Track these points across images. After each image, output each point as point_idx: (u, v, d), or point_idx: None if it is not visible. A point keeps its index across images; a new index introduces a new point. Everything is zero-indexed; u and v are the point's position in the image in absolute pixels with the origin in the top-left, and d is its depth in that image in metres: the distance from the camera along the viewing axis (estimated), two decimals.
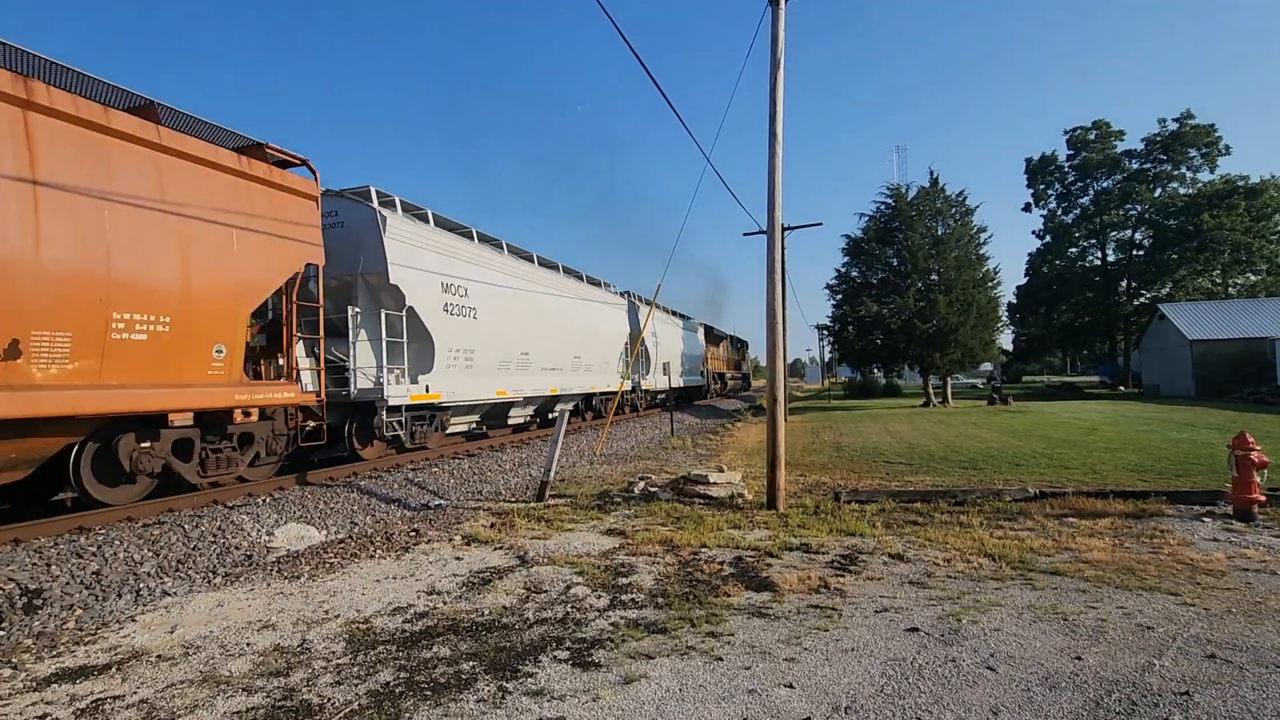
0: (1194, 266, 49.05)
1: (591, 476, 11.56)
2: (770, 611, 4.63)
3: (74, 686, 3.73)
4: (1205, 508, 7.52)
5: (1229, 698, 3.28)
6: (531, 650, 4.05)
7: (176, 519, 6.78)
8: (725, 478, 9.34)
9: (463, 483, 10.20)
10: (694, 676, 3.64)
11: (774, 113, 8.56)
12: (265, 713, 3.35)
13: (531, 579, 5.52)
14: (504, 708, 3.34)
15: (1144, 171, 51.15)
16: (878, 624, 4.36)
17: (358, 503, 8.35)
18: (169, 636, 4.47)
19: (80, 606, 4.97)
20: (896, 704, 3.30)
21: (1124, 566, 5.45)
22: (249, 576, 5.87)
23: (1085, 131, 53.60)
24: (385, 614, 4.78)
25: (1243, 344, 33.34)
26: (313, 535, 7.23)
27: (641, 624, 4.44)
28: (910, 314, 30.35)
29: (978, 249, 32.16)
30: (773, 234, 8.69)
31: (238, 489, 8.17)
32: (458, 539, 7.01)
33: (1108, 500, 7.87)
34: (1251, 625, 4.18)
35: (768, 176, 8.70)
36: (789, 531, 6.94)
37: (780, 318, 8.95)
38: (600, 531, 7.23)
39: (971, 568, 5.53)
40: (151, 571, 5.68)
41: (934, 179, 32.80)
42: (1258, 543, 6.12)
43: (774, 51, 8.58)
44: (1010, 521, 7.17)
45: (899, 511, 7.81)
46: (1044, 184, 56.15)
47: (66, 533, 6.21)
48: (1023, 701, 3.29)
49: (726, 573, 5.55)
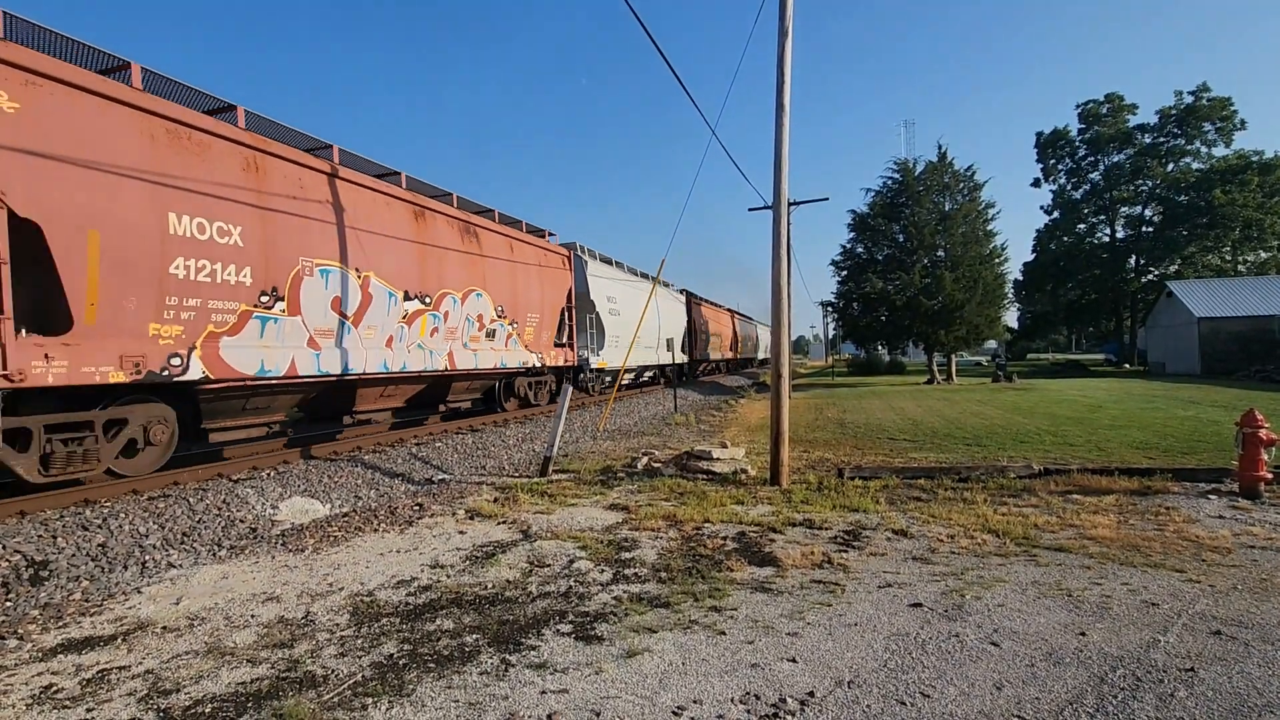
0: (1204, 243, 48.55)
1: (595, 452, 11.58)
2: (773, 586, 4.62)
3: (80, 657, 3.76)
4: (1211, 485, 7.49)
5: (1234, 674, 3.26)
6: (534, 623, 4.06)
7: (181, 492, 6.80)
8: (729, 454, 9.33)
9: (466, 457, 10.22)
10: (696, 650, 3.64)
11: (781, 83, 8.37)
12: (270, 684, 3.37)
13: (535, 553, 5.53)
14: (507, 680, 3.35)
15: (1156, 146, 50.40)
16: (881, 599, 4.36)
17: (362, 477, 8.38)
18: (174, 608, 4.50)
19: (86, 578, 5.00)
20: (900, 678, 3.29)
21: (1129, 543, 5.43)
22: (254, 549, 5.89)
23: (1097, 105, 52.75)
24: (389, 587, 4.80)
25: (1251, 322, 33.07)
26: (317, 509, 7.26)
27: (644, 598, 4.44)
28: (916, 291, 30.15)
29: (985, 225, 31.84)
30: (779, 209, 8.56)
31: (243, 462, 8.20)
32: (461, 513, 7.03)
33: (1113, 477, 7.83)
34: (1257, 602, 4.16)
35: (774, 150, 8.53)
36: (792, 507, 6.93)
37: (785, 294, 8.85)
38: (603, 506, 7.24)
39: (975, 544, 5.51)
40: (157, 544, 5.71)
41: (942, 154, 32.37)
42: (1264, 520, 6.09)
43: (782, 19, 8.36)
44: (1014, 498, 7.15)
45: (903, 488, 7.80)
46: (1054, 159, 55.44)
47: (72, 505, 6.23)
48: (1026, 677, 3.28)
49: (730, 548, 5.55)
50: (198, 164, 7.21)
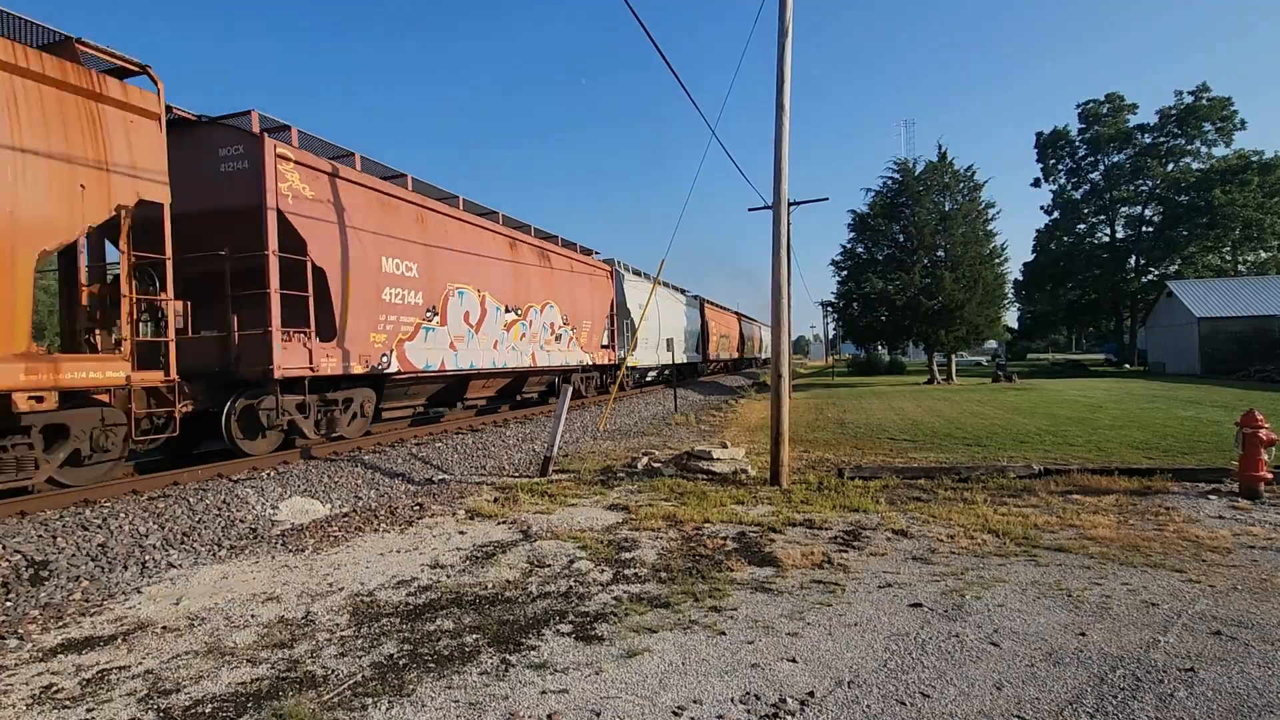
0: (1204, 243, 48.55)
1: (595, 452, 11.58)
2: (773, 586, 4.62)
3: (80, 657, 3.76)
4: (1211, 485, 7.49)
5: (1234, 674, 3.26)
6: (534, 623, 4.06)
7: (181, 492, 6.80)
8: (729, 454, 9.34)
9: (466, 458, 10.23)
10: (696, 650, 3.64)
11: (781, 83, 8.37)
12: (270, 684, 3.37)
13: (535, 553, 5.53)
14: (507, 680, 3.35)
15: (1156, 146, 50.40)
16: (881, 599, 4.36)
17: (362, 477, 8.38)
18: (174, 608, 4.50)
19: (86, 578, 5.00)
20: (900, 678, 3.29)
21: (1129, 543, 5.43)
22: (254, 549, 5.89)
23: (1098, 105, 52.76)
24: (389, 587, 4.80)
25: (1251, 322, 33.08)
26: (317, 509, 7.26)
27: (644, 598, 4.44)
28: (916, 291, 30.16)
29: (985, 225, 31.85)
30: (779, 209, 8.56)
31: (244, 462, 8.20)
32: (461, 513, 7.03)
33: (1113, 477, 7.84)
34: (1257, 602, 4.16)
35: (774, 150, 8.53)
36: (792, 507, 6.93)
37: (785, 294, 8.85)
38: (603, 506, 7.24)
39: (975, 544, 5.51)
40: (157, 544, 5.71)
41: (942, 153, 32.38)
42: (1264, 520, 6.09)
43: (782, 18, 8.37)
44: (1014, 498, 7.15)
45: (903, 488, 7.80)
46: (1054, 159, 55.44)
47: (72, 505, 6.23)
48: (1026, 677, 3.28)
49: (730, 548, 5.56)
50: (393, 221, 10.30)
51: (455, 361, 11.66)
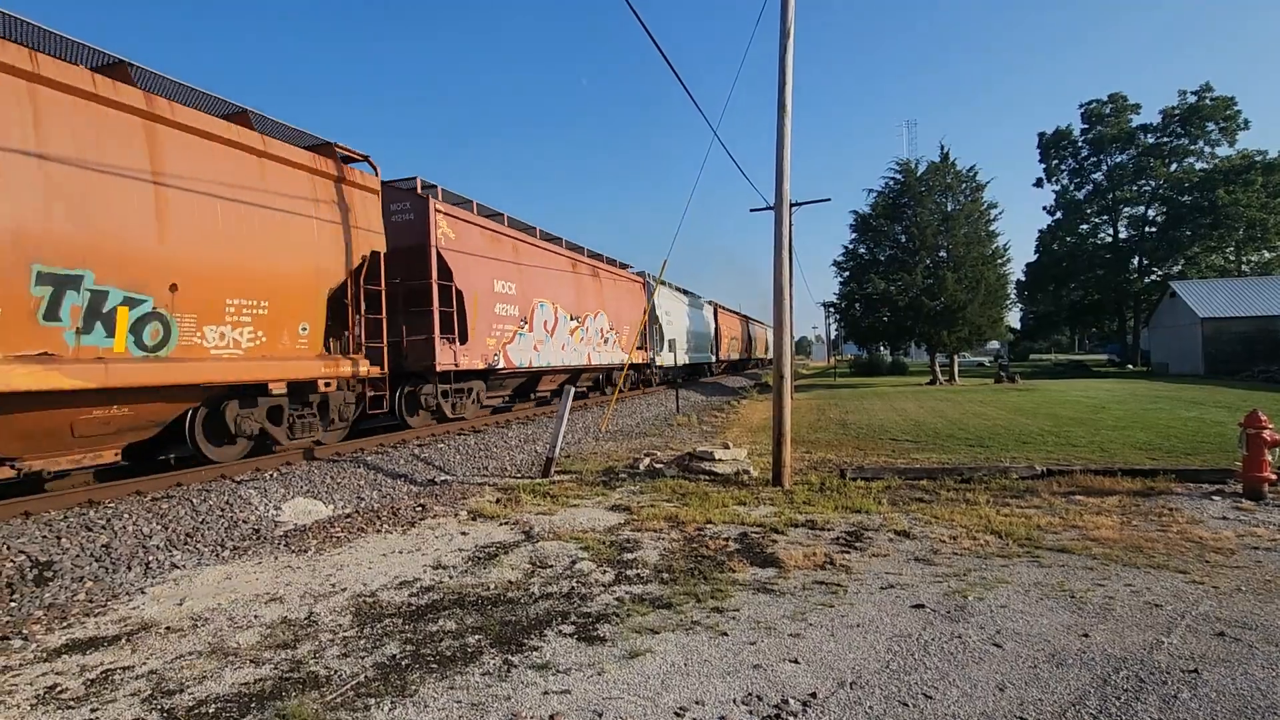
0: (1207, 243, 48.40)
1: (597, 453, 11.59)
2: (775, 587, 4.62)
3: (84, 657, 3.77)
4: (1215, 486, 7.47)
5: (1238, 676, 3.26)
6: (537, 624, 4.06)
7: (185, 493, 6.82)
8: (730, 454, 9.33)
9: (469, 459, 10.24)
10: (699, 651, 3.65)
11: (783, 83, 8.37)
12: (273, 684, 3.38)
13: (537, 554, 5.54)
14: (509, 681, 3.35)
15: (1159, 146, 50.25)
16: (883, 600, 4.36)
17: (364, 478, 8.39)
18: (178, 609, 4.51)
19: (90, 579, 5.02)
20: (902, 679, 3.29)
21: (1132, 544, 5.42)
22: (257, 550, 5.91)
23: (1100, 105, 52.61)
24: (392, 588, 4.80)
25: (1255, 322, 32.96)
26: (320, 510, 7.27)
27: (646, 599, 4.45)
28: (918, 291, 30.10)
29: (987, 225, 31.78)
30: (780, 210, 8.56)
31: (246, 464, 8.22)
32: (463, 514, 7.03)
33: (1116, 478, 7.82)
34: (1261, 603, 4.15)
35: (776, 151, 8.53)
36: (794, 508, 6.93)
37: (787, 294, 8.85)
38: (605, 507, 7.24)
39: (978, 545, 5.51)
40: (160, 545, 5.73)
41: (944, 154, 32.27)
42: (1268, 521, 6.08)
43: (784, 19, 8.37)
44: (1017, 499, 7.14)
45: (905, 489, 7.79)
46: (1057, 159, 55.31)
47: (76, 505, 6.26)
48: (1029, 678, 3.28)
49: (732, 549, 5.56)
50: (499, 251, 13.22)
51: (537, 360, 14.56)
